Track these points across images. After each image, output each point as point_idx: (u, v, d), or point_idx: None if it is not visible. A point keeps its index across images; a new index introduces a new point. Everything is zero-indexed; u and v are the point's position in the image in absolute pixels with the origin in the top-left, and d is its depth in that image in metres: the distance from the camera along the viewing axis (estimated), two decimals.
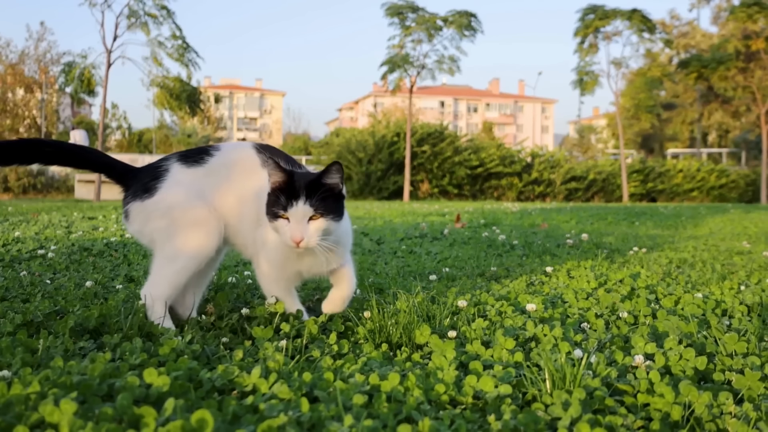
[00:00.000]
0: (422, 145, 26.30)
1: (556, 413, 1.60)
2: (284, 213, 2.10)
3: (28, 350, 2.13)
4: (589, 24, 25.59)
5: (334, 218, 2.16)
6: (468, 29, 23.64)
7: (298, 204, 2.09)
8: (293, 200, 2.09)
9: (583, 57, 26.22)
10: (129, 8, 21.20)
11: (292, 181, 2.11)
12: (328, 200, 2.13)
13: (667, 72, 31.07)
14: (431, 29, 23.33)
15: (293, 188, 2.10)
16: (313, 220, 2.11)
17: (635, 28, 25.68)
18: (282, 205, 2.10)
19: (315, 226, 2.12)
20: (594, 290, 3.27)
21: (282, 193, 2.11)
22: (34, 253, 4.61)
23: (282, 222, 2.12)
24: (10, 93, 44.34)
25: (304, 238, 2.09)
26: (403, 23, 23.57)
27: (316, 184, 2.11)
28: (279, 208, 2.11)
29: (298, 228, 2.10)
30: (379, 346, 2.22)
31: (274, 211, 2.13)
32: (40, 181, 25.94)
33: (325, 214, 2.12)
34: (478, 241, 5.73)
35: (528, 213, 10.96)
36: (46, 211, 10.15)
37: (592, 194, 27.42)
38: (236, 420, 1.55)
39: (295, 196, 2.09)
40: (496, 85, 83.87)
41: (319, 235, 2.13)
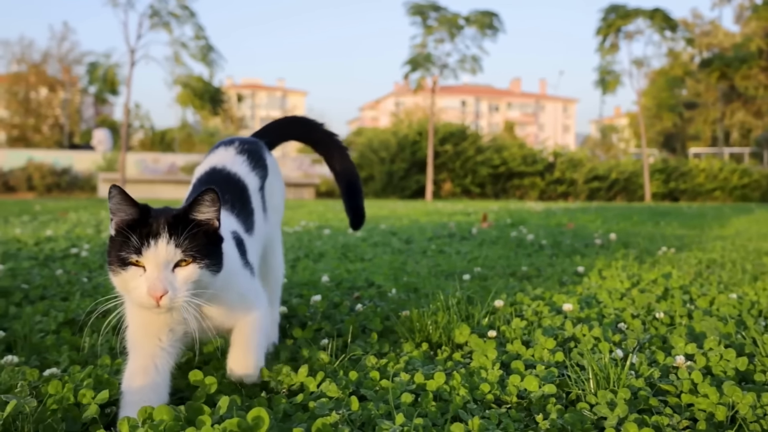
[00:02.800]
0: (444, 145, 26.27)
1: (602, 413, 1.61)
2: (137, 258, 1.47)
3: (74, 348, 2.19)
4: (611, 23, 25.42)
5: (211, 266, 1.53)
6: (490, 28, 23.60)
7: (159, 244, 1.47)
8: (151, 240, 1.47)
9: (604, 56, 26.05)
10: (152, 8, 21.40)
11: (147, 217, 1.51)
12: (201, 241, 1.52)
13: (689, 71, 30.82)
14: (453, 28, 23.32)
15: (150, 225, 1.49)
16: (180, 268, 1.50)
17: (657, 27, 25.47)
18: (134, 246, 1.46)
19: (184, 276, 1.49)
20: (628, 290, 3.27)
21: (133, 231, 1.48)
22: (68, 251, 4.68)
23: (133, 271, 1.48)
24: (33, 92, 44.81)
25: (168, 291, 1.46)
26: (425, 22, 23.58)
27: (182, 220, 1.52)
28: (129, 252, 1.47)
29: (158, 278, 1.46)
30: (419, 345, 2.25)
31: (121, 257, 1.48)
32: (64, 180, 26.18)
33: (198, 259, 1.51)
34: (506, 240, 5.73)
35: (553, 213, 10.93)
36: (74, 210, 10.28)
37: (614, 194, 27.23)
38: (287, 418, 1.58)
39: (154, 234, 1.47)
40: (518, 84, 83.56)
41: (189, 288, 1.50)
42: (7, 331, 2.27)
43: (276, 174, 2.23)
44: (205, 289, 1.53)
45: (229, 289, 1.66)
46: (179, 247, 1.48)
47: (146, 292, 1.45)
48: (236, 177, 1.99)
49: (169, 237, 1.48)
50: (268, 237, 2.17)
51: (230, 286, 1.66)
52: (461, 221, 8.30)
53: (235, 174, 2.00)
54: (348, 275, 3.76)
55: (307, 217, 9.00)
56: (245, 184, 2.00)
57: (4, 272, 3.61)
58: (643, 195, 25.80)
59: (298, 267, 4.11)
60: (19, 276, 3.51)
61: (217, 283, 1.57)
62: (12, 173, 25.90)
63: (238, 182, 1.98)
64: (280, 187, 2.29)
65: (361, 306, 2.74)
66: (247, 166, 2.05)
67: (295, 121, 2.50)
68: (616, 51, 25.91)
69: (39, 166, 26.02)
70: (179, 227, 1.50)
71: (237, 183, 1.98)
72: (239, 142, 2.14)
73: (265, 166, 2.14)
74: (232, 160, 2.04)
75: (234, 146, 2.10)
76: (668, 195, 27.25)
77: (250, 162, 2.07)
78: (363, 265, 4.24)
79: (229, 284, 1.65)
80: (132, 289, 1.49)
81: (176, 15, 21.58)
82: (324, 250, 5.00)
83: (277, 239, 2.29)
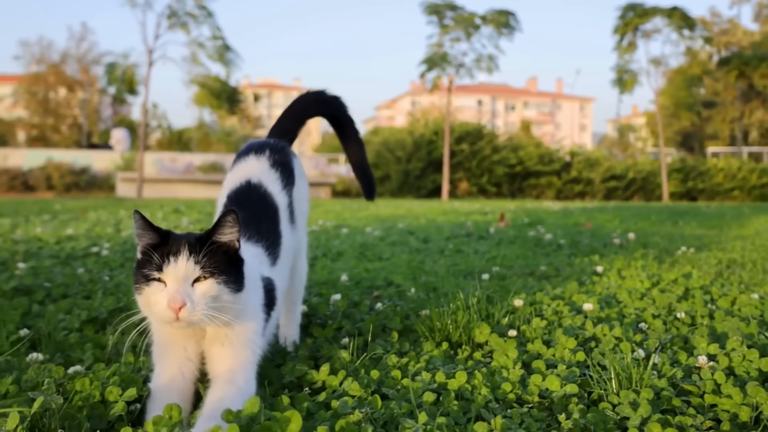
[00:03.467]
0: (460, 144, 26.21)
1: (625, 413, 1.61)
2: (158, 274, 1.53)
3: (97, 346, 2.21)
4: (629, 22, 25.23)
5: (229, 283, 1.57)
6: (506, 27, 23.49)
7: (178, 260, 1.53)
8: (171, 257, 1.54)
9: (622, 55, 25.86)
10: (170, 8, 21.52)
11: (167, 239, 1.58)
12: (221, 258, 1.57)
13: (707, 70, 30.53)
14: (470, 28, 23.23)
15: (171, 245, 1.56)
16: (199, 282, 1.55)
17: (675, 25, 25.24)
18: (156, 264, 1.54)
19: (202, 290, 1.54)
20: (648, 290, 3.25)
21: (155, 251, 1.55)
22: (88, 250, 4.72)
23: (155, 287, 1.54)
24: (52, 92, 45.23)
25: (186, 303, 1.51)
26: (442, 22, 23.50)
27: (202, 240, 1.58)
28: (152, 269, 1.54)
29: (178, 291, 1.51)
30: (439, 344, 2.25)
31: (144, 274, 1.55)
32: (83, 179, 26.39)
33: (216, 275, 1.55)
34: (524, 240, 5.72)
35: (570, 212, 10.88)
36: (93, 209, 10.36)
37: (631, 193, 27.05)
38: (310, 416, 1.59)
39: (175, 252, 1.54)
40: (534, 83, 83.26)
41: (208, 302, 1.54)
42: (32, 329, 2.30)
43: (302, 178, 2.25)
44: (223, 306, 1.56)
45: (236, 330, 1.66)
46: (198, 264, 1.54)
47: (166, 304, 1.50)
48: (270, 199, 2.02)
49: (189, 254, 1.54)
50: (295, 247, 2.19)
51: (238, 330, 1.67)
52: (478, 220, 8.28)
53: (269, 195, 2.02)
54: (367, 274, 3.77)
55: (324, 217, 9.02)
56: (277, 205, 2.03)
57: (26, 271, 3.65)
58: (661, 194, 25.60)
59: (317, 266, 4.13)
60: (41, 274, 3.55)
61: (237, 305, 1.60)
62: (31, 173, 26.14)
63: (271, 205, 2.01)
64: (306, 190, 2.31)
65: (381, 305, 2.75)
66: (280, 184, 2.07)
67: (313, 101, 2.47)
68: (633, 50, 25.71)
69: (58, 166, 26.26)
70: (199, 246, 1.56)
71: (270, 206, 2.01)
72: (270, 150, 2.14)
73: (293, 176, 2.16)
74: (267, 176, 2.06)
75: (266, 156, 2.11)
76: (686, 194, 27.03)
77: (282, 177, 2.09)
78: (381, 264, 4.24)
79: (239, 328, 1.67)
80: (153, 304, 1.53)
81: (194, 15, 21.68)
82: (342, 249, 5.01)
83: (302, 243, 2.30)
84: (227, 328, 1.63)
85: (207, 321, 1.55)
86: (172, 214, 9.16)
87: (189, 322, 1.53)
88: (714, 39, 34.04)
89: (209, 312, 1.53)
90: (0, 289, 3.03)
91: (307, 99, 2.44)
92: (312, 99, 2.45)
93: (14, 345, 2.12)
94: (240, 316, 1.63)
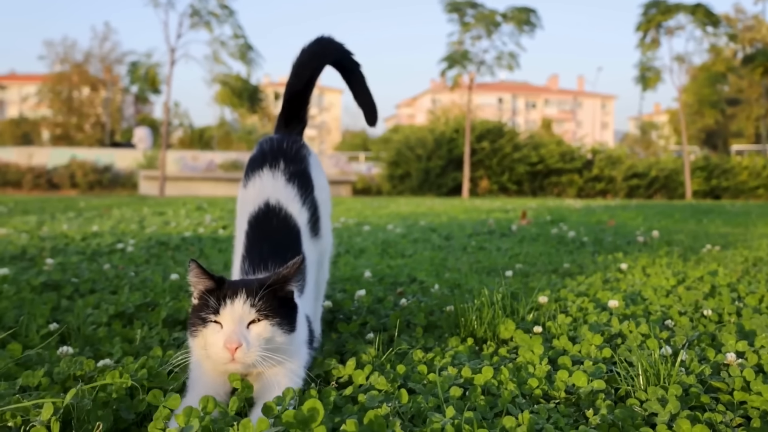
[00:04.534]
0: (481, 142, 26.12)
1: (653, 409, 1.60)
2: (215, 317, 1.57)
3: (126, 340, 2.24)
4: (651, 18, 24.97)
5: (282, 325, 1.61)
6: (527, 25, 23.37)
7: (235, 303, 1.57)
8: (228, 300, 1.58)
9: (644, 52, 25.61)
10: (192, 7, 21.63)
11: (222, 284, 1.63)
12: (274, 303, 1.61)
13: (731, 67, 30.13)
14: (490, 25, 23.13)
15: (227, 290, 1.60)
16: (254, 324, 1.58)
17: (699, 22, 24.93)
18: (212, 307, 1.58)
19: (257, 332, 1.57)
20: (673, 287, 3.23)
21: (211, 295, 1.60)
22: (114, 247, 4.77)
23: (212, 329, 1.58)
24: (76, 92, 45.73)
25: (242, 344, 1.53)
26: (462, 19, 23.42)
27: (258, 285, 1.61)
28: (209, 312, 1.58)
29: (234, 332, 1.54)
30: (464, 340, 2.25)
31: (201, 317, 1.59)
32: (106, 177, 26.67)
33: (270, 317, 1.59)
34: (547, 237, 5.69)
35: (592, 210, 10.82)
36: (117, 207, 10.46)
37: (654, 191, 26.81)
38: (337, 410, 1.60)
39: (231, 296, 1.58)
40: (555, 81, 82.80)
41: (262, 344, 1.57)
42: (61, 323, 2.33)
43: (320, 175, 2.21)
44: (275, 349, 1.59)
45: (284, 368, 1.68)
46: (254, 307, 1.58)
47: (222, 345, 1.53)
48: (291, 221, 2.00)
49: (246, 298, 1.58)
50: (320, 253, 2.17)
51: (287, 368, 1.68)
52: (500, 218, 8.26)
53: (290, 217, 2.00)
54: (390, 271, 3.78)
55: (346, 214, 9.04)
56: (299, 228, 2.00)
57: (54, 266, 3.70)
58: (684, 193, 25.36)
59: (340, 263, 4.14)
60: (68, 270, 3.60)
61: (288, 346, 1.64)
62: (56, 171, 26.48)
63: (293, 229, 1.99)
64: (326, 187, 2.25)
65: (405, 301, 2.75)
66: (299, 201, 2.04)
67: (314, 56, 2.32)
68: (656, 47, 25.45)
69: (82, 164, 26.57)
70: (254, 290, 1.59)
71: (292, 230, 1.99)
72: (285, 161, 2.08)
73: (311, 183, 2.11)
74: (285, 195, 2.02)
75: (281, 171, 2.06)
76: (710, 193, 26.74)
77: (301, 191, 2.06)
78: (404, 261, 4.25)
79: (288, 366, 1.68)
80: (210, 345, 1.57)
81: (216, 14, 21.79)
82: (364, 246, 5.02)
83: (327, 246, 2.26)
84: (275, 368, 1.65)
85: (261, 362, 1.57)
86: (194, 211, 9.23)
87: (244, 363, 1.56)
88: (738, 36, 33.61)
89: (263, 353, 1.56)
90: (29, 284, 3.08)
91: (294, 78, 2.28)
92: (298, 76, 2.28)
93: (44, 339, 2.15)
94: (289, 356, 1.66)
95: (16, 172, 25.96)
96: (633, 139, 57.28)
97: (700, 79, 30.57)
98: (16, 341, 2.07)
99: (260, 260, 1.88)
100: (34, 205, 11.16)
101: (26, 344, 2.09)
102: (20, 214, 8.28)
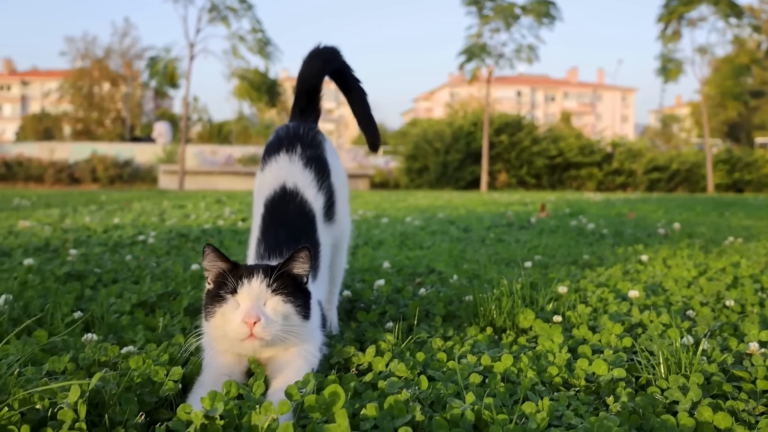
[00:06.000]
0: (499, 135, 26.03)
1: (674, 397, 1.59)
2: (233, 295, 1.61)
3: (148, 328, 2.26)
4: (673, 10, 24.72)
5: (297, 306, 1.64)
6: (546, 17, 23.23)
7: (252, 282, 1.60)
8: (245, 279, 1.61)
9: (666, 44, 25.37)
10: (211, 2, 21.72)
11: (238, 266, 1.67)
12: (290, 285, 1.64)
13: (755, 58, 29.74)
14: (509, 18, 23.04)
15: (244, 270, 1.64)
16: (270, 300, 1.62)
17: (721, 13, 24.64)
18: (230, 286, 1.61)
19: (273, 306, 1.61)
20: (695, 279, 3.21)
21: (229, 275, 1.63)
22: (135, 238, 4.82)
23: (229, 306, 1.60)
24: (96, 87, 46.11)
25: (261, 319, 1.56)
26: (481, 12, 23.33)
27: (273, 268, 1.65)
28: (226, 291, 1.61)
29: (252, 307, 1.57)
30: (483, 329, 2.25)
31: (219, 296, 1.62)
32: (126, 171, 26.90)
33: (286, 296, 1.62)
34: (566, 229, 5.67)
35: (612, 203, 10.75)
36: (137, 200, 10.55)
37: (675, 185, 26.59)
38: (357, 396, 1.61)
39: (248, 275, 1.62)
40: (575, 73, 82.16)
41: (279, 320, 1.60)
42: (85, 312, 2.36)
43: (336, 161, 2.22)
44: (291, 329, 1.62)
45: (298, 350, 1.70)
46: (269, 287, 1.61)
47: (241, 320, 1.56)
48: (307, 206, 2.01)
49: (263, 277, 1.61)
50: (336, 238, 2.18)
51: (300, 350, 1.70)
52: (518, 211, 8.23)
53: (306, 202, 2.01)
54: (408, 262, 3.78)
55: (364, 207, 9.05)
56: (314, 213, 2.02)
57: (77, 257, 3.74)
58: (706, 186, 25.12)
59: (359, 254, 4.15)
60: (91, 261, 3.64)
61: (302, 329, 1.66)
62: (77, 165, 26.75)
63: (308, 214, 2.00)
64: (342, 172, 2.26)
65: (424, 291, 2.76)
66: (315, 185, 2.05)
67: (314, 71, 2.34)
68: (678, 39, 25.20)
69: (102, 159, 26.82)
70: (270, 272, 1.63)
71: (307, 215, 2.00)
72: (302, 145, 2.10)
73: (327, 169, 2.13)
74: (302, 179, 2.04)
75: (298, 155, 2.08)
76: (732, 186, 26.47)
77: (317, 176, 2.07)
78: (422, 253, 4.25)
79: (301, 348, 1.70)
80: (228, 322, 1.59)
81: (234, 9, 21.86)
82: (383, 238, 5.03)
83: (344, 231, 2.26)
84: (289, 350, 1.67)
85: (278, 339, 1.60)
86: (214, 204, 9.29)
87: (262, 339, 1.57)
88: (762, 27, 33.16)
89: (280, 330, 1.59)
90: (53, 274, 3.12)
91: (310, 69, 2.33)
92: (314, 67, 2.33)
93: (69, 326, 2.18)
94: (303, 340, 1.69)
95: (39, 166, 26.26)
96: (654, 132, 56.83)
97: (723, 71, 30.22)
98: (42, 328, 2.10)
99: (276, 244, 1.90)
100: (57, 198, 11.28)
101: (51, 331, 2.13)
102: (43, 208, 8.37)
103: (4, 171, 26.16)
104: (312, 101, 2.34)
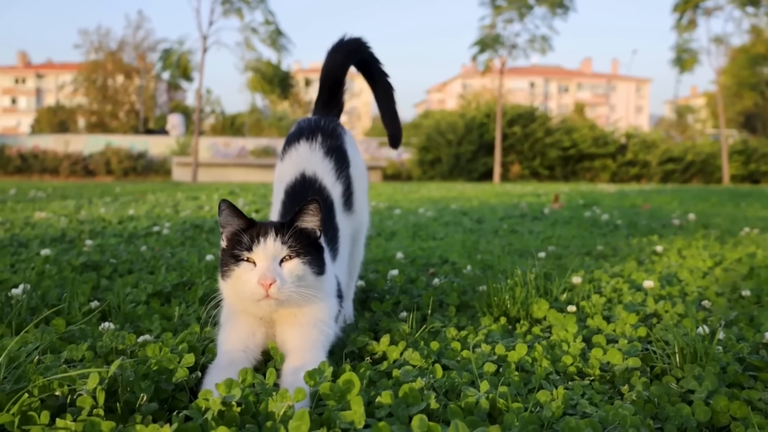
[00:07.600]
0: (512, 127, 25.96)
1: (690, 386, 1.59)
2: (248, 254, 1.61)
3: (164, 317, 2.28)
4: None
5: (313, 265, 1.65)
6: (560, 7, 23.10)
7: (267, 240, 1.61)
8: (260, 238, 1.62)
9: (681, 34, 25.16)
10: None
11: (254, 224, 1.67)
12: (304, 242, 1.65)
13: None
14: (523, 8, 22.94)
15: (258, 229, 1.65)
16: (286, 262, 1.63)
17: (738, 2, 24.40)
18: (245, 245, 1.62)
19: (289, 268, 1.62)
20: (710, 269, 3.19)
21: (245, 233, 1.64)
22: (150, 229, 4.85)
23: (245, 267, 1.62)
24: (110, 80, 46.30)
25: (276, 280, 1.57)
26: (495, 3, 23.25)
27: (287, 225, 1.66)
28: (241, 249, 1.62)
29: (268, 268, 1.59)
30: (497, 319, 2.26)
31: (234, 254, 1.63)
32: (140, 164, 27.04)
33: (302, 255, 1.64)
34: (580, 220, 5.65)
35: (626, 194, 10.70)
36: (151, 192, 10.60)
37: (690, 176, 26.42)
38: (372, 384, 1.62)
39: (263, 234, 1.62)
40: (588, 64, 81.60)
41: (294, 281, 1.61)
42: (101, 301, 2.38)
43: (356, 153, 2.23)
44: (306, 288, 1.63)
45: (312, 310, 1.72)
46: (285, 244, 1.62)
47: (257, 281, 1.57)
48: (326, 193, 2.02)
49: (276, 235, 1.62)
50: (355, 227, 2.19)
51: (315, 310, 1.72)
52: (532, 202, 8.21)
53: (325, 189, 2.03)
54: (421, 252, 3.79)
55: (377, 198, 9.05)
56: (332, 200, 2.03)
57: (93, 248, 3.77)
58: (721, 177, 24.93)
59: (372, 245, 4.16)
60: (107, 251, 3.67)
61: (317, 288, 1.67)
62: (92, 158, 26.91)
63: (326, 200, 2.01)
64: (362, 164, 2.27)
65: (438, 281, 2.76)
66: (334, 174, 2.07)
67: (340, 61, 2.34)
68: (693, 28, 24.98)
69: (116, 151, 26.96)
70: (284, 229, 1.64)
71: (326, 201, 2.00)
72: (322, 135, 2.12)
73: (347, 159, 2.14)
74: (321, 168, 2.05)
75: (319, 143, 2.10)
76: (748, 177, 26.26)
77: (336, 165, 2.09)
78: (436, 244, 4.25)
79: (316, 307, 1.72)
80: (244, 282, 1.60)
81: (247, 1, 21.88)
82: (395, 230, 5.04)
83: (363, 222, 2.27)
84: (303, 309, 1.69)
85: (293, 299, 1.62)
86: (227, 195, 9.32)
87: (277, 299, 1.59)
88: None
89: (295, 290, 1.60)
90: (70, 265, 3.15)
91: (333, 61, 2.33)
92: (338, 59, 2.34)
93: (86, 315, 2.21)
94: (318, 299, 1.70)
95: (54, 159, 26.45)
96: (668, 122, 56.41)
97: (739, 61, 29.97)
98: (60, 317, 2.12)
99: None
100: (72, 190, 11.35)
101: (69, 320, 2.15)
102: (59, 199, 8.43)
103: (20, 163, 26.36)
104: (335, 95, 2.35)
